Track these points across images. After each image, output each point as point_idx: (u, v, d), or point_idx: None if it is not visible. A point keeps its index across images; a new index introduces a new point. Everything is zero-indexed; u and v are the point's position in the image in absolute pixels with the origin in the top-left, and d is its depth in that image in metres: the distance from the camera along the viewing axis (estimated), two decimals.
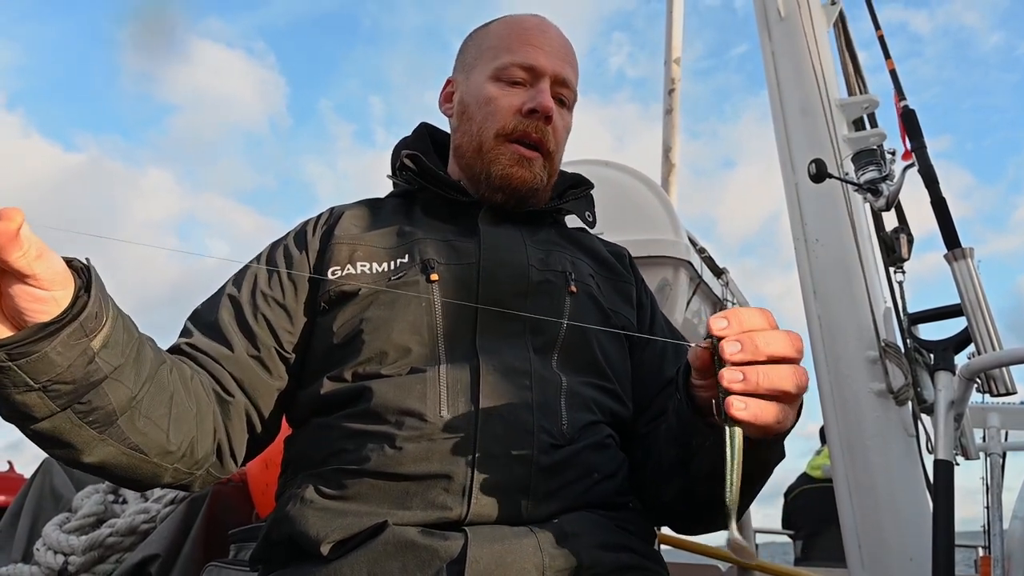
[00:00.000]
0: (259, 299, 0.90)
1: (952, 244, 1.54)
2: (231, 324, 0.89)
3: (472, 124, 1.00)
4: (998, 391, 1.42)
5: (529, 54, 0.99)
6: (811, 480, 4.31)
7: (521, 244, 0.95)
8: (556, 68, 0.99)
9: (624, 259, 1.09)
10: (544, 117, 0.96)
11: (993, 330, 1.47)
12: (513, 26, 1.03)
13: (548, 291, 0.92)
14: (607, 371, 0.92)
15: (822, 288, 1.91)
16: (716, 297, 2.29)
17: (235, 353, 0.87)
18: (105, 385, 0.66)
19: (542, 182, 0.98)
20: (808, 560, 4.00)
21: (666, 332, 1.04)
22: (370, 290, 0.88)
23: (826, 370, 1.88)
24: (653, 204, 2.08)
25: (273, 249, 0.98)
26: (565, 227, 1.08)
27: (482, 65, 1.02)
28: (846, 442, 1.83)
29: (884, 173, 1.64)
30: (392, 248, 0.93)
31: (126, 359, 0.67)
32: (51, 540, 1.67)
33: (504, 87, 0.99)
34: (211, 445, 0.82)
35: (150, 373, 0.72)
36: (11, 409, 0.64)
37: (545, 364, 0.87)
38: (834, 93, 2.00)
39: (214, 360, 0.86)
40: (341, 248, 0.93)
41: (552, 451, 0.80)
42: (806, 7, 2.04)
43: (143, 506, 1.67)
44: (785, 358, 0.61)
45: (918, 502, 1.78)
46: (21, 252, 0.56)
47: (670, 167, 3.57)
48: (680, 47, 3.68)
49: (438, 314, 0.86)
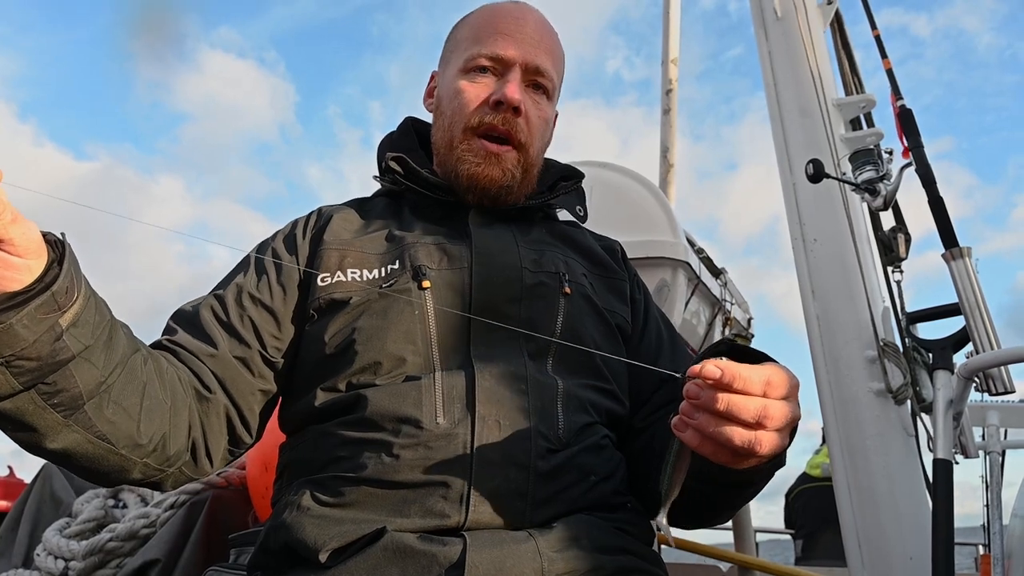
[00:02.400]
0: (246, 300, 0.88)
1: (950, 243, 1.54)
2: (214, 323, 0.86)
3: (444, 119, 0.97)
4: (996, 390, 1.42)
5: (498, 43, 0.95)
6: (811, 479, 4.32)
7: (513, 245, 0.93)
8: (527, 56, 0.95)
9: (616, 253, 1.07)
10: (511, 108, 0.92)
11: (991, 329, 1.47)
12: (487, 15, 0.99)
13: (542, 294, 0.90)
14: (603, 371, 0.91)
15: (820, 288, 1.91)
16: (714, 297, 2.29)
17: (218, 351, 0.84)
18: (72, 366, 0.63)
19: (514, 178, 0.95)
20: (809, 559, 4.01)
21: (660, 326, 1.03)
22: (362, 299, 0.87)
23: (825, 370, 1.89)
24: (651, 205, 2.09)
25: (261, 250, 0.95)
26: (557, 222, 1.05)
27: (455, 58, 0.99)
28: (845, 442, 1.83)
29: (881, 172, 1.64)
30: (382, 254, 0.91)
31: (96, 340, 0.64)
32: (51, 545, 1.67)
33: (473, 79, 0.95)
34: (185, 442, 0.79)
35: (121, 359, 0.68)
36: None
37: (541, 368, 0.86)
38: (831, 93, 2.01)
39: (195, 356, 0.83)
40: (331, 254, 0.91)
41: (549, 456, 0.79)
42: (802, 7, 2.04)
43: (143, 510, 1.67)
44: (753, 393, 0.63)
45: (918, 501, 1.78)
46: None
47: (668, 167, 3.57)
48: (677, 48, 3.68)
49: (431, 322, 0.84)
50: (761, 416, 0.63)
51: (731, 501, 0.83)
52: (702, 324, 2.26)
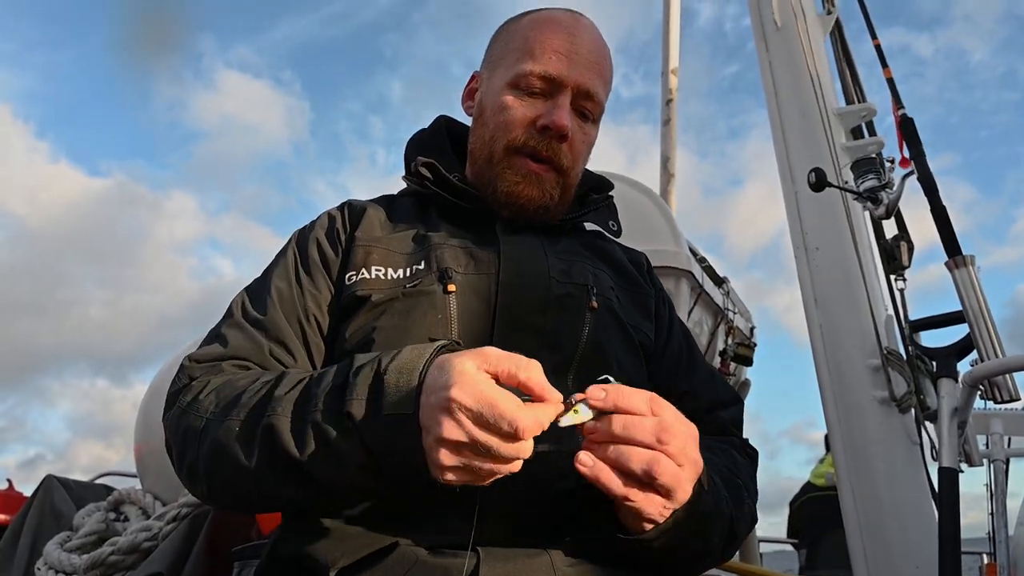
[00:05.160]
0: (310, 312, 0.87)
1: (953, 252, 1.54)
2: (293, 337, 0.86)
3: (485, 131, 0.95)
4: (1002, 398, 1.42)
5: (551, 63, 0.91)
6: (815, 488, 4.30)
7: (542, 254, 0.91)
8: (580, 80, 0.91)
9: (643, 267, 1.05)
10: (558, 136, 0.90)
11: (995, 337, 1.47)
12: (541, 26, 0.94)
13: (569, 306, 0.88)
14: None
15: (823, 296, 1.92)
16: (717, 306, 2.29)
17: (297, 362, 0.85)
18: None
19: (552, 200, 0.93)
20: (812, 568, 3.98)
21: (683, 344, 1.01)
22: (384, 297, 0.84)
23: (828, 378, 1.88)
24: (654, 215, 2.09)
25: (303, 240, 0.93)
26: (586, 233, 1.04)
27: (504, 67, 0.95)
28: (850, 450, 1.83)
29: (883, 181, 1.65)
30: (408, 254, 0.89)
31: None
32: (52, 559, 1.65)
33: (521, 96, 0.92)
34: None
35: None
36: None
37: (561, 383, 0.81)
38: (832, 102, 2.02)
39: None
40: (358, 250, 0.89)
41: (567, 475, 0.75)
42: (802, 16, 2.06)
43: (145, 524, 1.66)
44: (643, 443, 0.64)
45: (923, 510, 1.78)
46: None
47: (669, 177, 3.59)
48: (677, 58, 3.71)
49: (454, 326, 0.82)
50: (659, 433, 0.64)
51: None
52: (705, 333, 2.25)
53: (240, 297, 0.91)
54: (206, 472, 0.75)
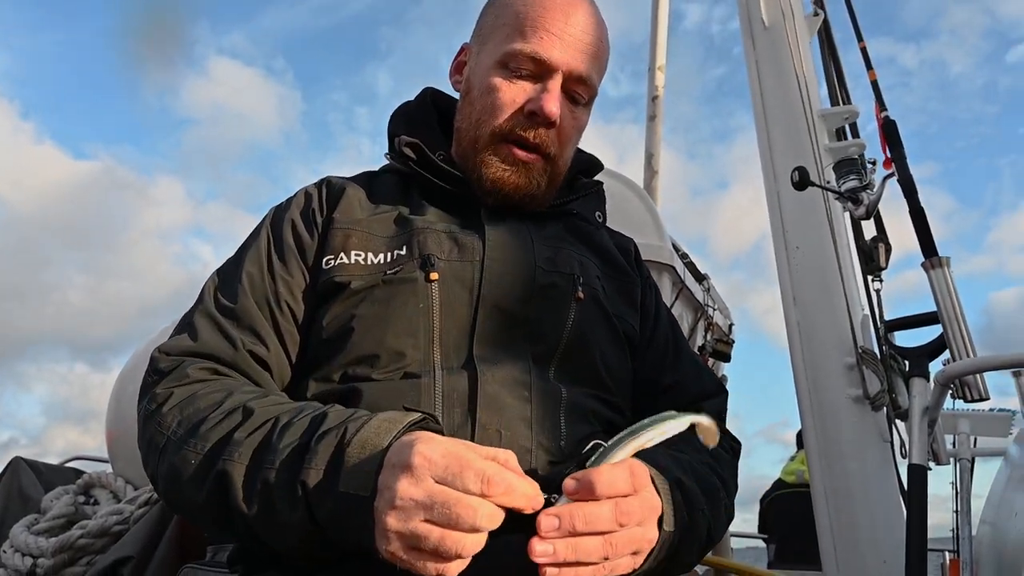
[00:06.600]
0: (282, 299, 0.83)
1: (929, 253, 1.57)
2: (266, 325, 0.82)
3: (472, 111, 0.91)
4: (972, 397, 1.45)
5: (543, 44, 0.86)
6: (785, 485, 4.39)
7: (528, 241, 0.89)
8: (572, 63, 0.87)
9: (630, 254, 1.03)
10: (546, 123, 0.87)
11: (968, 337, 1.50)
12: (536, 2, 0.89)
13: (553, 296, 0.86)
14: (607, 382, 0.87)
15: (801, 295, 1.94)
16: (698, 302, 2.31)
17: (271, 352, 0.82)
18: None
19: (539, 188, 0.90)
20: (781, 562, 4.06)
21: (669, 334, 1.00)
22: (363, 284, 0.82)
23: (804, 376, 1.91)
24: (639, 209, 2.10)
25: (278, 219, 0.89)
26: (573, 216, 1.00)
27: (494, 43, 0.90)
28: (823, 447, 1.86)
29: (864, 182, 1.67)
30: (390, 237, 0.86)
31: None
32: (19, 542, 1.62)
33: (510, 77, 0.88)
34: None
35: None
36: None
37: (543, 374, 0.82)
38: (816, 103, 2.04)
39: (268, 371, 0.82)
40: (336, 233, 0.86)
41: (549, 468, 0.76)
42: (790, 17, 2.08)
43: (116, 507, 1.64)
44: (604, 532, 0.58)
45: (892, 506, 1.81)
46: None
47: (652, 173, 3.60)
48: (664, 55, 3.72)
49: (436, 316, 0.80)
50: (621, 516, 0.59)
51: None
52: (685, 328, 2.27)
53: (212, 281, 0.87)
54: (164, 490, 0.74)
